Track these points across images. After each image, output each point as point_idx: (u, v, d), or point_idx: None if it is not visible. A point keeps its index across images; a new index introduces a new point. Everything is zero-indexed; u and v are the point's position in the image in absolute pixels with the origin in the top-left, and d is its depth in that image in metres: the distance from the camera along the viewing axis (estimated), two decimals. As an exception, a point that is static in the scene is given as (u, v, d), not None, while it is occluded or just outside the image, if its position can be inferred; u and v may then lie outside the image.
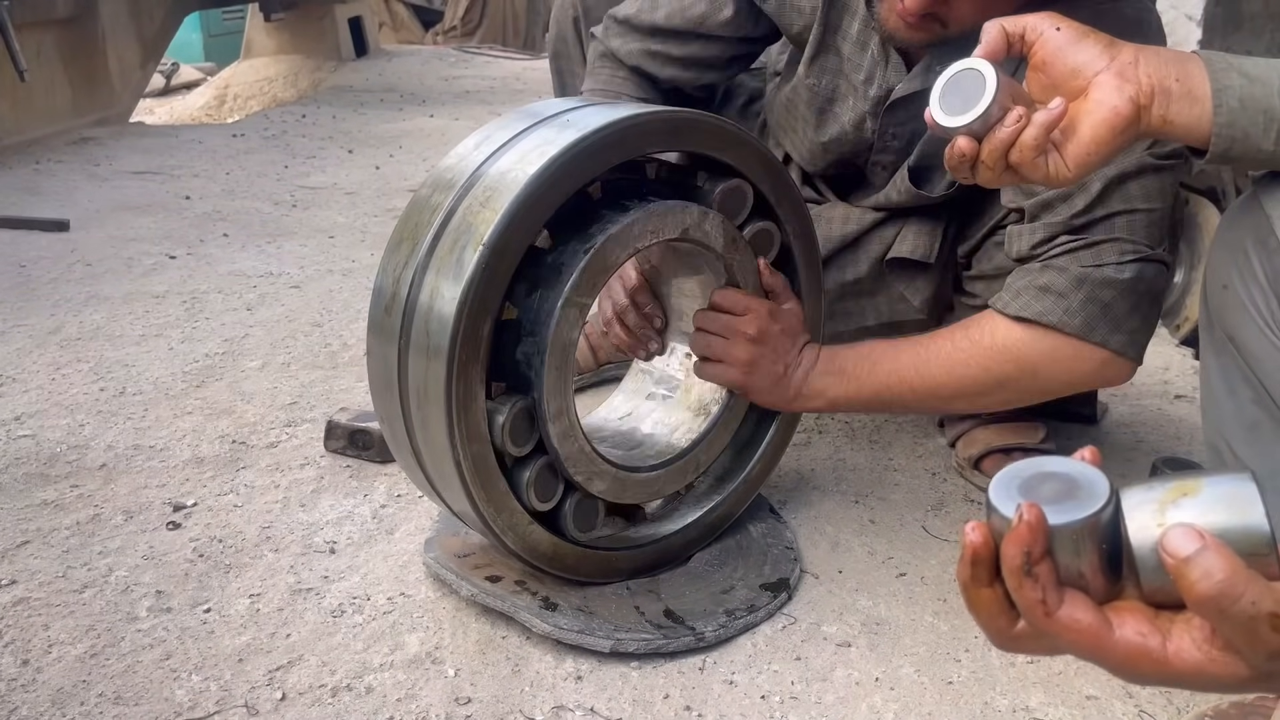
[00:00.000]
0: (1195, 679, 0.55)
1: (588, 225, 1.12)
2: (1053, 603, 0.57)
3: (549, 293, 1.09)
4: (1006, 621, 0.60)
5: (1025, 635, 0.60)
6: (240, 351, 1.94)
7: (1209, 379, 1.03)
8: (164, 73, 7.09)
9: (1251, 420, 0.97)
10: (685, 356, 1.39)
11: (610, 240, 1.11)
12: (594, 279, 1.11)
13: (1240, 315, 0.96)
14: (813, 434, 1.72)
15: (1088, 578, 0.58)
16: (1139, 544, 0.56)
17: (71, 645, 1.14)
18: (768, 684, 1.13)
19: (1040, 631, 0.58)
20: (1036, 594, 0.57)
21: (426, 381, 1.05)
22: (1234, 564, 0.52)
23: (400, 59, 6.51)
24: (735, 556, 1.33)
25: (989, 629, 0.61)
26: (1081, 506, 0.57)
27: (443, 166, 1.12)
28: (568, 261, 1.10)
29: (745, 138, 1.22)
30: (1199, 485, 0.56)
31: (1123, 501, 0.57)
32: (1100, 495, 0.57)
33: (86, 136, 3.84)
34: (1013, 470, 0.60)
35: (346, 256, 2.56)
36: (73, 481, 1.46)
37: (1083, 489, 0.58)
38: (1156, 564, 0.55)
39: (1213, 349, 1.02)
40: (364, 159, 3.75)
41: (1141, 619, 0.57)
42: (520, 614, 1.17)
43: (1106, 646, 0.57)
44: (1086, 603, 0.57)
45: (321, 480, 1.50)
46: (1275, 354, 0.93)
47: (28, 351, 1.88)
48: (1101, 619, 0.57)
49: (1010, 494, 0.58)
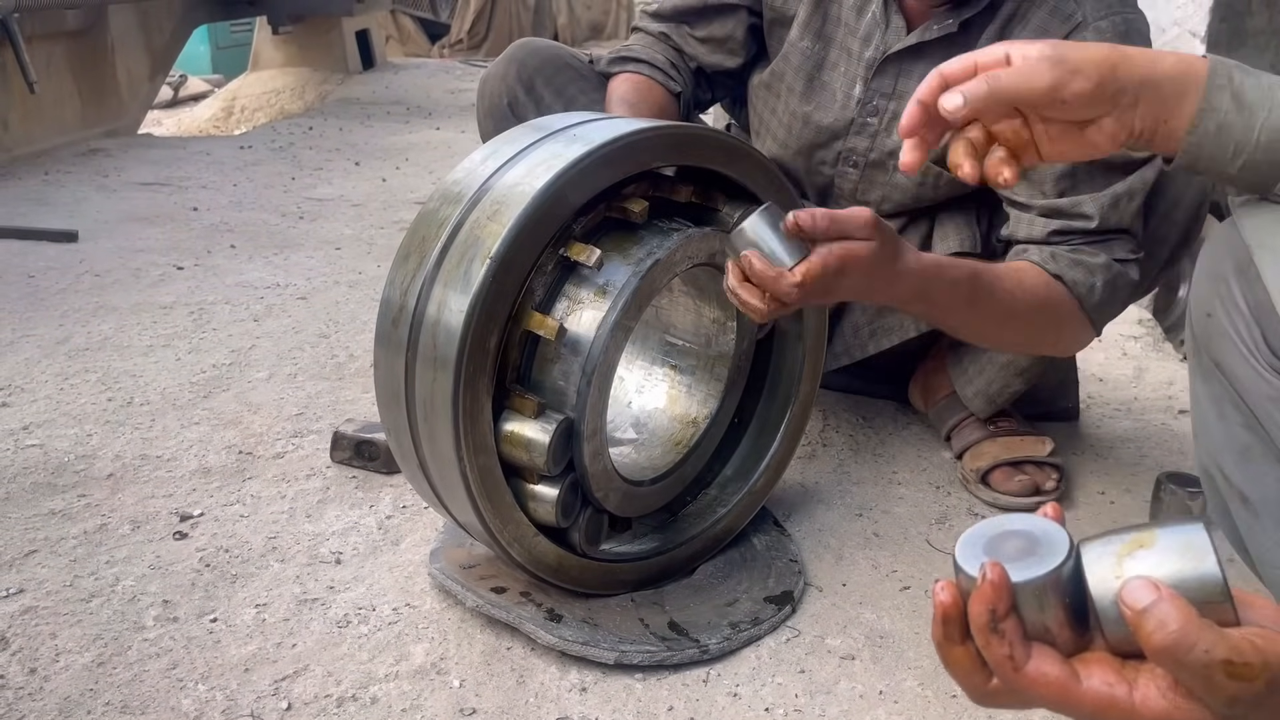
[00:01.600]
0: None
1: (631, 246, 1.13)
2: (1020, 658, 0.58)
3: (595, 313, 1.10)
4: (981, 678, 0.61)
5: (999, 691, 0.61)
6: (247, 362, 1.94)
7: (1199, 404, 1.04)
8: (172, 84, 7.12)
9: (1242, 445, 0.97)
10: (671, 369, 1.39)
11: (658, 266, 1.12)
12: (641, 302, 1.13)
13: (1224, 343, 0.96)
14: (817, 447, 1.72)
15: (1054, 631, 0.58)
16: (1099, 596, 0.58)
17: (79, 654, 1.14)
18: (771, 696, 1.13)
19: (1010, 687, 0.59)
20: (1004, 650, 0.58)
21: (434, 393, 1.05)
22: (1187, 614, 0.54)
23: (407, 72, 6.53)
24: (739, 569, 1.34)
25: (965, 686, 0.62)
26: (1042, 563, 0.58)
27: (451, 179, 1.13)
28: (615, 282, 1.11)
29: (751, 152, 1.23)
30: (1154, 536, 0.58)
31: (1083, 555, 0.59)
32: (1060, 551, 0.58)
33: (95, 148, 3.85)
34: (977, 530, 0.62)
35: (353, 268, 2.57)
36: (80, 491, 1.47)
37: (1043, 545, 0.59)
38: (1118, 615, 0.56)
39: (1200, 374, 1.03)
40: (371, 171, 3.76)
41: (1108, 669, 0.58)
42: (525, 625, 1.17)
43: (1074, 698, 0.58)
44: (1054, 656, 0.58)
45: (327, 491, 1.50)
46: (1260, 382, 0.93)
47: (36, 361, 1.89)
48: (1069, 671, 0.58)
49: (975, 553, 0.60)
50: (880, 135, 1.49)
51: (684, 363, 1.38)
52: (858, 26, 1.46)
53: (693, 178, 1.24)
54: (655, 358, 1.41)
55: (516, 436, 1.09)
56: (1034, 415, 1.74)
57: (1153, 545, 0.57)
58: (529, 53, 1.61)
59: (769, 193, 1.25)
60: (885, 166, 1.50)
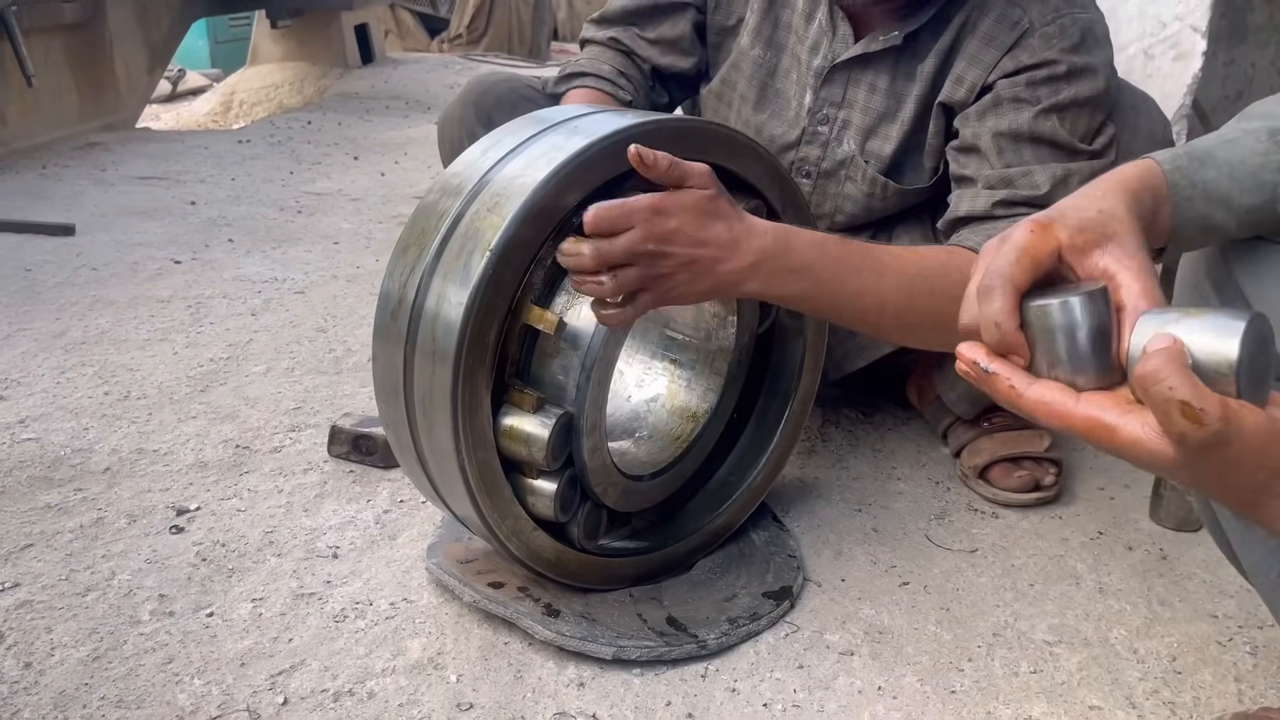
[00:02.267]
0: (1133, 450, 0.64)
1: None
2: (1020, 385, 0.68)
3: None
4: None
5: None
6: (244, 356, 1.94)
7: None
8: (170, 78, 7.11)
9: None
10: (670, 363, 1.39)
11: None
12: None
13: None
14: (816, 442, 1.72)
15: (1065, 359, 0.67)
16: (1134, 346, 0.66)
17: (74, 648, 1.14)
18: (770, 692, 1.13)
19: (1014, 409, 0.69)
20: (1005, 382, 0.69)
21: (432, 386, 1.05)
22: (1175, 358, 0.62)
23: (406, 66, 6.52)
24: (738, 564, 1.33)
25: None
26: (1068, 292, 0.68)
27: (450, 172, 1.12)
28: None
29: (753, 146, 1.22)
30: (1203, 312, 0.66)
31: (1143, 315, 0.67)
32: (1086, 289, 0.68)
33: (93, 142, 3.85)
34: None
35: (351, 262, 2.57)
36: (76, 485, 1.47)
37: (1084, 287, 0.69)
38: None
39: None
40: (369, 165, 3.76)
41: (1108, 399, 0.66)
42: (523, 620, 1.17)
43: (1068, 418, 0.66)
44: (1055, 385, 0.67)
45: (325, 485, 1.50)
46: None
47: (33, 355, 1.89)
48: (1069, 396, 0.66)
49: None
50: (831, 144, 1.46)
51: (684, 357, 1.38)
52: (806, 34, 1.44)
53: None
54: (655, 352, 1.41)
55: (515, 431, 1.09)
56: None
57: (1199, 318, 0.65)
58: (483, 92, 1.58)
59: (770, 187, 1.25)
60: (837, 176, 1.47)
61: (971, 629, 1.26)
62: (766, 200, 1.25)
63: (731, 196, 1.09)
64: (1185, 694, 1.15)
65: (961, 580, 1.36)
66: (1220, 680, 1.17)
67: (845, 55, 1.41)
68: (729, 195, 1.08)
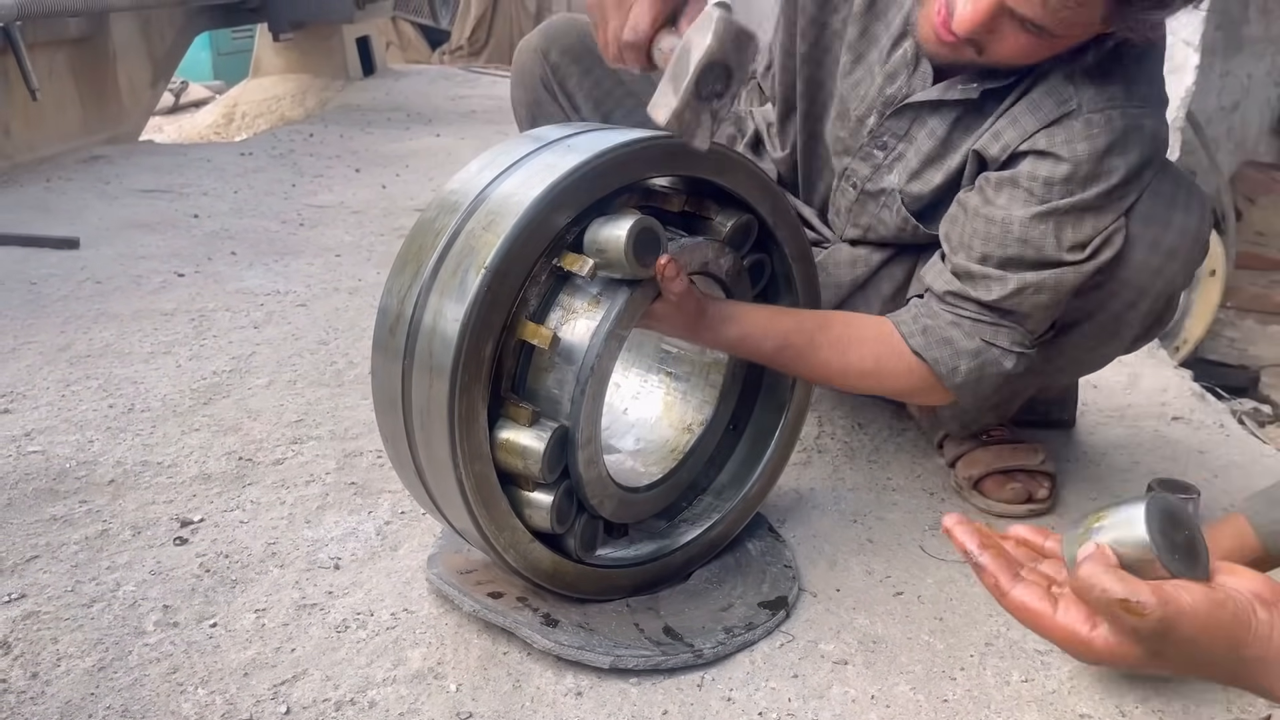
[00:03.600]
0: (1109, 659, 0.72)
1: None
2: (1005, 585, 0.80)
3: (589, 323, 1.12)
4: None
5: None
6: (247, 369, 1.96)
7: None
8: (173, 91, 7.14)
9: None
10: (666, 376, 1.41)
11: (650, 280, 1.13)
12: (635, 311, 1.14)
13: None
14: (812, 453, 1.73)
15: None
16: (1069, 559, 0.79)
17: (80, 659, 1.15)
18: (765, 701, 1.15)
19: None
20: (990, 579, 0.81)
21: (430, 400, 1.07)
22: (1100, 560, 0.72)
23: (407, 78, 6.55)
24: (734, 574, 1.35)
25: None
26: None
27: (447, 189, 1.14)
28: (609, 295, 1.13)
29: (744, 163, 1.24)
30: (1114, 510, 0.77)
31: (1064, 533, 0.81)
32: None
33: (97, 155, 3.87)
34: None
35: (353, 275, 2.59)
36: (81, 497, 1.48)
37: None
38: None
39: None
40: (371, 178, 3.78)
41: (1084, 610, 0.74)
42: (521, 630, 1.18)
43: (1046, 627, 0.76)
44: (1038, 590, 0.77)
45: (326, 497, 1.52)
46: None
47: (38, 368, 1.91)
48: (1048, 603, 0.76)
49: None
50: (882, 169, 1.46)
51: (679, 369, 1.40)
52: (889, 56, 1.41)
53: (685, 187, 1.25)
54: (651, 364, 1.42)
55: (511, 444, 1.11)
56: (1030, 423, 1.74)
57: (1110, 517, 0.77)
58: (550, 39, 1.69)
59: (762, 201, 1.27)
60: (878, 199, 1.48)
61: (964, 638, 1.27)
62: (758, 215, 1.27)
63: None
64: (1174, 702, 1.17)
65: (955, 590, 1.37)
66: (1208, 689, 1.19)
67: (920, 96, 1.39)
68: (700, 299, 1.23)
